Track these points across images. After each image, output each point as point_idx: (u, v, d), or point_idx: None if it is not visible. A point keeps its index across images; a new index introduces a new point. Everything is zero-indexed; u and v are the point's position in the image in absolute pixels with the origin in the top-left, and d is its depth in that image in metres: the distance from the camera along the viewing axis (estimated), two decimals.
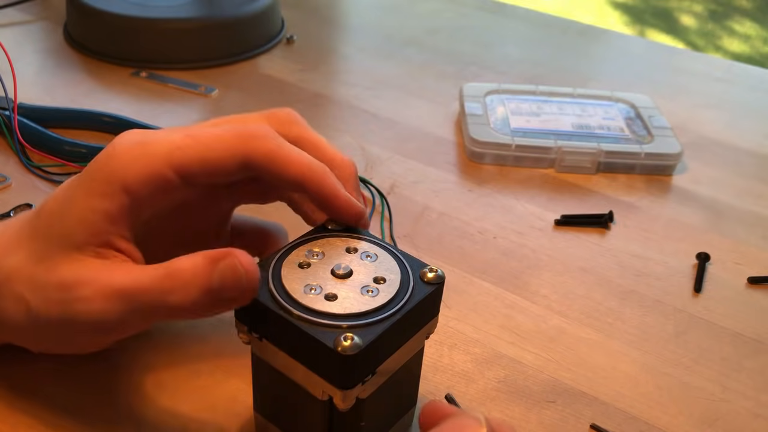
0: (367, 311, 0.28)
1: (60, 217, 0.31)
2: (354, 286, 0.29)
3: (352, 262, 0.30)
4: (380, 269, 0.30)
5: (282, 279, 0.29)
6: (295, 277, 0.29)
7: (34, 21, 0.76)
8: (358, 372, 0.27)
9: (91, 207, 0.30)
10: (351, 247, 0.31)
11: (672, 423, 0.38)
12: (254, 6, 0.73)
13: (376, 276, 0.30)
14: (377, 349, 0.28)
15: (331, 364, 0.27)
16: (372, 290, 0.29)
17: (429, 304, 0.30)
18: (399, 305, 0.28)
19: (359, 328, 0.27)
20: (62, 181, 0.51)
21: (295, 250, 0.31)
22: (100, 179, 0.30)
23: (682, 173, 0.59)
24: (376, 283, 0.29)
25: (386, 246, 0.31)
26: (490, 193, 0.55)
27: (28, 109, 0.57)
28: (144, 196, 0.30)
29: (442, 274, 0.30)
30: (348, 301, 0.28)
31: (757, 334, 0.44)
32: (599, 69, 0.78)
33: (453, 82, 0.69)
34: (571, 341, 0.42)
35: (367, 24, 0.83)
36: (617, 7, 3.00)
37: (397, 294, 0.29)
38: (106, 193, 0.30)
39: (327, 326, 0.27)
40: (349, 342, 0.26)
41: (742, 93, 0.74)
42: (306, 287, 0.29)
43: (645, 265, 0.49)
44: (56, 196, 0.32)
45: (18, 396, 0.36)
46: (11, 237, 0.33)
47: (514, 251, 0.49)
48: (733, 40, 2.85)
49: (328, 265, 0.30)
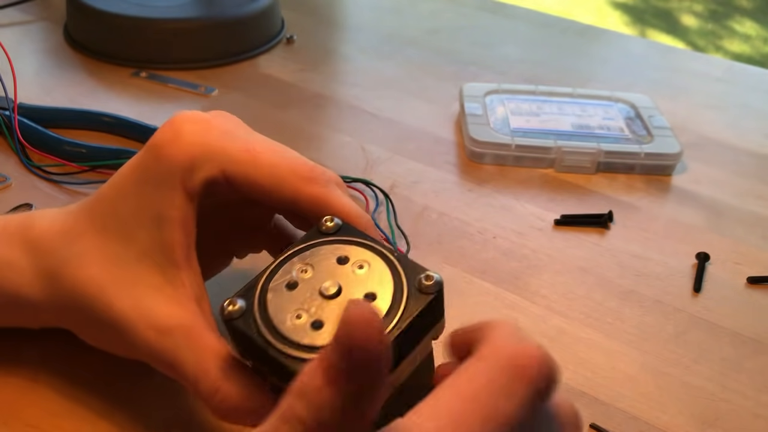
0: None
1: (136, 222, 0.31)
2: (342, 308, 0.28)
3: (342, 277, 0.28)
4: (371, 282, 0.28)
5: (267, 305, 0.28)
6: (281, 302, 0.28)
7: (34, 21, 0.76)
8: None
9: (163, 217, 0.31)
10: (343, 257, 0.29)
11: (672, 423, 0.38)
12: (254, 6, 0.73)
13: (367, 292, 0.28)
14: None
15: None
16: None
17: (427, 314, 0.28)
18: (392, 324, 0.27)
19: None
20: (62, 182, 0.51)
21: (284, 265, 0.29)
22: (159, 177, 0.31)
23: (682, 173, 0.59)
24: (367, 300, 0.27)
25: (381, 249, 0.30)
26: (490, 193, 0.55)
27: (28, 109, 0.57)
28: (200, 197, 0.31)
29: (440, 279, 0.28)
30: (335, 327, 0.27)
31: (756, 334, 0.44)
32: (599, 69, 0.78)
33: (453, 82, 0.69)
34: (571, 341, 0.42)
35: (367, 24, 0.83)
36: (617, 7, 3.00)
37: (389, 311, 0.27)
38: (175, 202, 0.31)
39: (302, 354, 0.26)
40: None
41: (742, 93, 0.74)
42: (292, 314, 0.27)
43: (645, 265, 0.49)
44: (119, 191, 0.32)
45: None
46: (70, 222, 0.33)
47: (513, 251, 0.49)
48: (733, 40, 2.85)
49: (317, 283, 0.28)
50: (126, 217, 0.32)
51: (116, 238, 0.32)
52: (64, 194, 0.50)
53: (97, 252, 0.32)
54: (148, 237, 0.31)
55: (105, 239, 0.32)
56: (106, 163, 0.51)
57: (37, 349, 0.38)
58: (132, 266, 0.31)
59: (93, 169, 0.51)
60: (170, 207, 0.31)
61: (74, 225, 0.33)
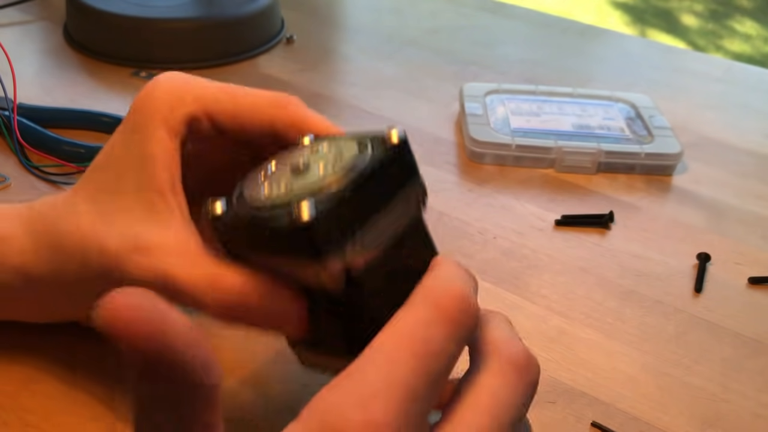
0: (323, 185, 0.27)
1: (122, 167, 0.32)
2: (311, 174, 0.29)
3: (312, 159, 0.30)
4: (339, 152, 0.29)
5: (243, 192, 0.29)
6: (255, 187, 0.29)
7: (34, 21, 0.76)
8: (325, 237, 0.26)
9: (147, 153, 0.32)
10: (315, 148, 0.31)
11: (672, 423, 0.38)
12: (254, 6, 0.73)
13: (334, 155, 0.29)
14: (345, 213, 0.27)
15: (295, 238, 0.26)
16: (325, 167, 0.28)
17: (395, 164, 0.29)
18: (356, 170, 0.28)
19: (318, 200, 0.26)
20: (61, 182, 0.51)
21: (262, 167, 0.31)
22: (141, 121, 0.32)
23: (682, 173, 0.59)
24: (334, 162, 0.29)
25: (352, 134, 0.31)
26: (490, 193, 0.55)
27: (27, 109, 0.57)
28: (183, 136, 0.32)
29: (403, 134, 0.29)
30: (303, 184, 0.28)
31: (757, 334, 0.44)
32: (599, 69, 0.78)
33: (453, 82, 0.69)
34: (572, 341, 0.42)
35: (367, 24, 0.83)
36: (617, 7, 3.00)
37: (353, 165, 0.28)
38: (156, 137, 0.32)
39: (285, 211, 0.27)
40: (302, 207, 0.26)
41: (742, 93, 0.74)
42: (264, 190, 0.29)
43: (645, 265, 0.49)
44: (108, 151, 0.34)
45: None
46: (67, 192, 0.34)
47: (514, 251, 0.49)
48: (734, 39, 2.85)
49: (288, 169, 0.30)
50: (114, 167, 0.33)
51: (106, 188, 0.33)
52: None
53: (86, 207, 0.33)
54: (134, 176, 0.32)
55: (96, 192, 0.33)
56: None
57: (37, 348, 0.38)
58: (120, 206, 0.32)
59: None
60: (153, 144, 0.32)
61: (68, 193, 0.35)
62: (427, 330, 0.25)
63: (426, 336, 0.24)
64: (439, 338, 0.25)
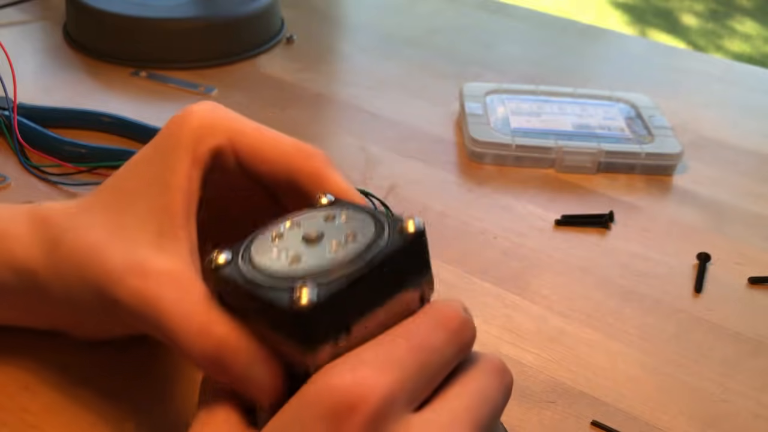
0: (333, 266, 0.26)
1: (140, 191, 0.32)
2: (323, 247, 0.27)
3: (327, 228, 0.28)
4: (354, 228, 0.28)
5: (251, 252, 0.28)
6: (263, 249, 0.28)
7: (33, 21, 0.76)
8: (319, 329, 0.26)
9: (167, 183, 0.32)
10: (330, 215, 0.29)
11: (672, 423, 0.38)
12: (254, 6, 0.73)
13: (347, 233, 0.28)
14: (341, 303, 0.26)
15: (294, 325, 0.26)
16: (339, 247, 0.27)
17: (408, 257, 0.28)
18: (369, 257, 0.26)
19: (323, 283, 0.25)
20: (60, 182, 0.51)
21: (272, 226, 0.29)
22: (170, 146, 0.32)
23: (682, 173, 0.59)
24: (347, 240, 0.27)
25: (369, 209, 0.30)
26: (490, 193, 0.55)
27: (27, 109, 0.57)
28: (207, 167, 0.32)
29: (421, 224, 0.28)
30: (313, 260, 0.27)
31: (757, 334, 0.44)
32: (599, 69, 0.78)
33: (453, 82, 0.69)
34: (572, 341, 0.42)
35: (367, 24, 0.83)
36: (618, 6, 3.00)
37: (367, 248, 0.27)
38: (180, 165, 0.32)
39: (286, 288, 0.26)
40: (306, 298, 0.25)
41: (743, 93, 0.74)
42: (273, 255, 0.27)
43: (645, 265, 0.49)
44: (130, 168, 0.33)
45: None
46: (80, 202, 0.34)
47: (514, 251, 0.49)
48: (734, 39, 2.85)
49: (300, 234, 0.28)
50: (132, 188, 0.33)
51: (119, 208, 0.32)
52: (62, 196, 0.50)
53: (98, 221, 0.32)
54: (150, 199, 0.32)
55: (109, 210, 0.33)
56: (104, 164, 0.51)
57: (37, 348, 0.38)
58: (130, 225, 0.32)
59: (90, 171, 0.51)
60: (175, 173, 0.32)
61: (82, 203, 0.34)
62: (427, 333, 0.27)
63: (425, 336, 0.26)
64: (438, 341, 0.26)
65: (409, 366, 0.25)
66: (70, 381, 0.37)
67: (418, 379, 0.26)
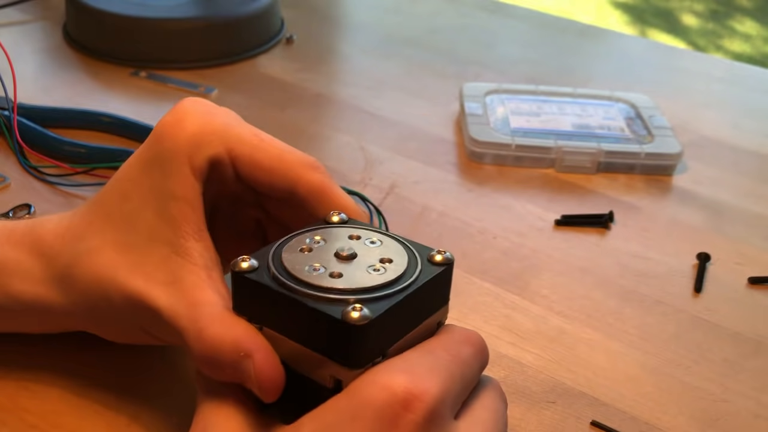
0: (375, 286, 0.27)
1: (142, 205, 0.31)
2: (360, 267, 0.28)
3: (357, 247, 0.29)
4: (386, 252, 0.29)
5: (283, 261, 0.28)
6: (297, 260, 0.28)
7: (33, 21, 0.76)
8: (369, 348, 0.26)
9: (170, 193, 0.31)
10: (354, 235, 0.30)
11: (672, 423, 0.38)
12: (254, 6, 0.73)
13: (383, 257, 0.29)
14: (387, 326, 0.27)
15: (340, 340, 0.26)
16: (379, 269, 0.28)
17: (439, 287, 0.29)
18: (408, 281, 0.28)
19: (368, 302, 0.26)
20: (59, 183, 0.51)
21: (296, 238, 0.30)
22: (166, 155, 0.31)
23: (682, 173, 0.59)
24: (383, 263, 0.28)
25: (391, 234, 0.31)
26: (490, 193, 0.55)
27: (27, 109, 0.57)
28: (205, 177, 0.31)
29: (451, 256, 0.29)
30: (355, 278, 0.27)
31: (757, 334, 0.44)
32: (599, 69, 0.78)
33: (453, 82, 0.69)
34: (572, 341, 0.42)
35: (367, 24, 0.83)
36: (618, 6, 3.00)
37: (406, 272, 0.28)
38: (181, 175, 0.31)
39: (334, 300, 0.26)
40: (359, 313, 0.25)
41: (743, 93, 0.74)
42: (309, 267, 0.28)
43: (645, 265, 0.49)
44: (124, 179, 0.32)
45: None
46: (76, 220, 0.33)
47: (514, 251, 0.49)
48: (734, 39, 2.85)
49: (331, 249, 0.29)
50: (132, 201, 0.32)
51: (123, 225, 0.31)
52: (61, 196, 0.50)
53: (104, 243, 0.32)
54: (155, 216, 0.31)
55: (112, 228, 0.32)
56: (103, 165, 0.51)
57: (37, 348, 0.38)
58: (141, 247, 0.31)
59: (89, 171, 0.51)
60: (177, 184, 0.31)
61: (80, 222, 0.33)
62: (460, 346, 0.28)
63: (461, 350, 0.28)
64: (469, 355, 0.28)
65: (453, 374, 0.27)
66: (70, 381, 0.37)
67: (460, 388, 0.27)
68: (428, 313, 0.29)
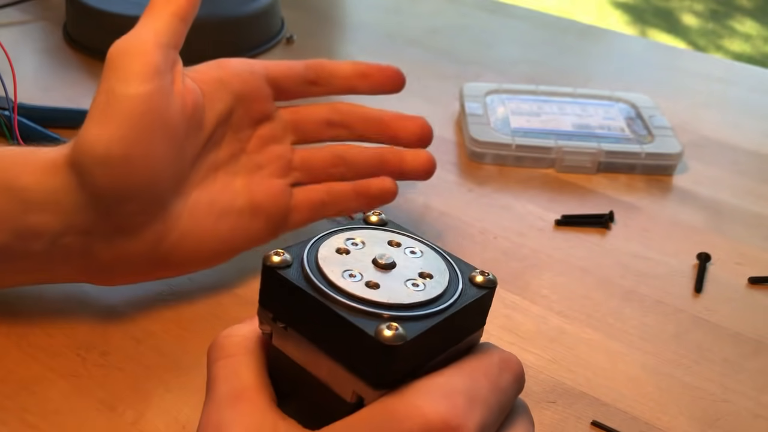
0: (413, 303, 0.25)
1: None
2: (398, 278, 0.26)
3: (396, 255, 0.28)
4: (427, 265, 0.28)
5: (319, 261, 0.26)
6: (333, 261, 0.26)
7: (33, 21, 0.76)
8: (398, 369, 0.25)
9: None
10: (394, 241, 0.29)
11: (672, 423, 0.38)
12: (254, 6, 0.73)
13: (422, 271, 0.27)
14: (420, 348, 0.25)
15: (369, 356, 0.24)
16: (418, 284, 0.26)
17: (478, 310, 0.28)
18: (448, 303, 0.26)
19: (404, 320, 0.25)
20: None
21: (334, 236, 0.28)
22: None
23: (682, 173, 0.59)
24: (422, 278, 0.27)
25: (432, 245, 0.29)
26: (490, 193, 0.55)
27: (28, 109, 0.57)
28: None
29: (494, 278, 0.28)
30: (392, 292, 0.25)
31: (757, 334, 0.44)
32: (599, 69, 0.78)
33: (453, 82, 0.69)
34: (572, 342, 0.42)
35: (368, 24, 0.83)
36: (618, 6, 3.00)
37: (446, 292, 0.26)
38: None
39: (368, 314, 0.25)
40: (393, 332, 0.24)
41: (743, 93, 0.74)
42: (345, 272, 0.26)
43: (645, 265, 0.49)
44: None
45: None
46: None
47: (514, 251, 0.49)
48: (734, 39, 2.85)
49: (369, 255, 0.27)
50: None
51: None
52: None
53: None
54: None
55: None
56: None
57: (36, 349, 0.38)
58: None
59: None
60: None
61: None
62: (500, 373, 0.27)
63: (500, 377, 0.27)
64: (507, 383, 0.27)
65: (491, 406, 0.26)
66: (70, 381, 0.37)
67: (496, 418, 0.26)
68: (464, 336, 0.28)
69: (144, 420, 0.35)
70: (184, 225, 0.38)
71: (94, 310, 0.41)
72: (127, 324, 0.40)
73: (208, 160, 0.40)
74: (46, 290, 0.42)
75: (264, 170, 0.42)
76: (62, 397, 0.36)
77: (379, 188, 0.44)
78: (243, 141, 0.42)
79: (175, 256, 0.39)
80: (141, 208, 0.36)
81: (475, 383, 0.26)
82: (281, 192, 0.42)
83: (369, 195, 0.43)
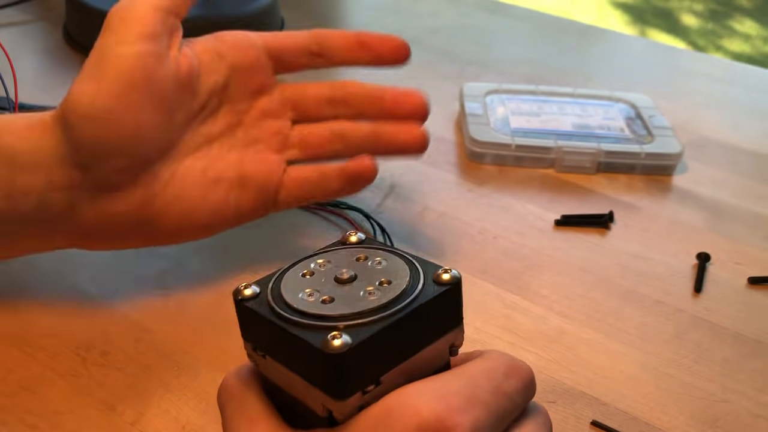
0: (363, 311, 0.26)
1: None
2: (356, 290, 0.27)
3: (360, 269, 0.28)
4: (387, 273, 0.28)
5: (281, 287, 0.27)
6: (294, 285, 0.27)
7: (33, 21, 0.76)
8: (353, 378, 0.25)
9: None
10: (361, 256, 0.29)
11: (672, 423, 0.38)
12: (254, 6, 0.73)
13: (382, 279, 0.27)
14: (377, 353, 0.25)
15: (322, 369, 0.25)
16: (373, 292, 0.27)
17: (443, 307, 0.27)
18: (401, 305, 0.26)
19: (353, 328, 0.25)
20: None
21: (303, 261, 0.29)
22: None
23: (682, 173, 0.59)
24: (380, 285, 0.27)
25: (400, 252, 0.29)
26: (490, 193, 0.55)
27: (28, 109, 0.57)
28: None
29: (458, 274, 0.28)
30: (346, 304, 0.26)
31: (757, 334, 0.44)
32: (599, 69, 0.78)
33: (453, 82, 0.69)
34: (572, 342, 0.42)
35: (367, 24, 0.83)
36: (618, 6, 3.00)
37: (402, 294, 0.26)
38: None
39: (320, 328, 0.25)
40: (339, 341, 0.24)
41: (742, 93, 0.74)
42: (303, 293, 0.27)
43: (645, 265, 0.49)
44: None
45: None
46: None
47: (514, 251, 0.49)
48: (733, 39, 2.85)
49: (332, 273, 0.28)
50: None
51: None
52: None
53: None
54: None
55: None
56: None
57: (36, 349, 0.38)
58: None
59: None
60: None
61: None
62: (505, 377, 0.27)
63: (503, 381, 0.27)
64: (513, 388, 0.27)
65: (491, 408, 0.25)
66: (70, 381, 0.37)
67: (496, 421, 0.26)
68: (434, 337, 0.28)
69: (144, 420, 0.35)
70: (172, 191, 0.38)
71: (94, 310, 0.41)
72: (127, 324, 0.40)
73: (203, 130, 0.40)
74: (46, 290, 0.42)
75: (260, 144, 0.42)
76: (62, 397, 0.36)
77: (355, 168, 0.43)
78: (240, 113, 0.42)
79: (161, 222, 0.38)
80: (123, 165, 0.36)
81: (474, 385, 0.26)
82: (274, 166, 0.42)
83: (347, 174, 0.43)
